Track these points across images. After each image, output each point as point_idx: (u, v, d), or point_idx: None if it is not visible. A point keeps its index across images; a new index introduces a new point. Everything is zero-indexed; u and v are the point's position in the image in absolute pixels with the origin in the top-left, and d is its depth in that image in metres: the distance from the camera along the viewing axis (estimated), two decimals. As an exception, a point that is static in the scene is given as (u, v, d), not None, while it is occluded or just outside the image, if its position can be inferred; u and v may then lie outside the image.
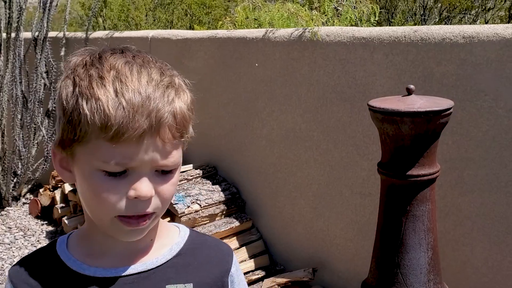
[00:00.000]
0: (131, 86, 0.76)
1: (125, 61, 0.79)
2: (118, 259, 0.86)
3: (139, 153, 0.76)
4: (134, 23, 5.65)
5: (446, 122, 1.74)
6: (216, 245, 0.97)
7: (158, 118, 0.76)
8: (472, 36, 2.09)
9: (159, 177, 0.80)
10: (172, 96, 0.79)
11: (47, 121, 4.52)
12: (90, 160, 0.77)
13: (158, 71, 0.81)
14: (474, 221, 2.16)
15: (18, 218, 4.21)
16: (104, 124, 0.74)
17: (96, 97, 0.75)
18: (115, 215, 0.79)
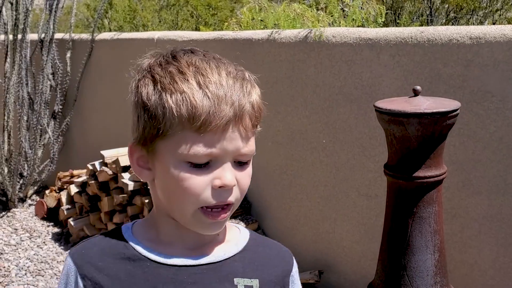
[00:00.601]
0: (212, 79, 0.80)
1: (199, 58, 0.84)
2: (187, 249, 0.88)
3: (224, 141, 0.80)
4: (140, 25, 5.66)
5: (453, 124, 1.72)
6: (277, 246, 0.99)
7: (241, 107, 0.80)
8: (479, 37, 2.08)
9: (237, 168, 0.83)
10: (249, 88, 0.84)
11: (53, 123, 4.54)
12: (175, 152, 0.81)
13: (231, 66, 0.85)
14: (481, 223, 2.15)
15: (24, 219, 4.22)
16: (192, 115, 0.78)
17: (180, 90, 0.79)
18: (199, 206, 0.82)
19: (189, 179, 0.81)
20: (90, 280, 0.85)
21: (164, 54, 0.86)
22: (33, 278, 3.29)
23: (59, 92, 4.49)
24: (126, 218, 3.29)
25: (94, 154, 3.86)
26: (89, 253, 0.88)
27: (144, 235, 0.90)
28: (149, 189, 0.92)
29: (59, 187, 4.04)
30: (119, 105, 4.14)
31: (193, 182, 0.81)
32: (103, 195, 3.44)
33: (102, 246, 0.88)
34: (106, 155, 3.43)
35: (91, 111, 4.47)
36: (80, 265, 0.86)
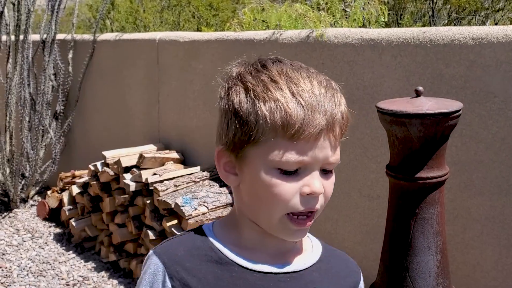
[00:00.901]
0: (305, 88, 0.82)
1: (289, 67, 0.86)
2: (269, 256, 0.89)
3: (315, 149, 0.82)
4: (142, 25, 5.66)
5: (455, 124, 1.72)
6: (345, 256, 1.01)
7: (333, 116, 0.82)
8: (481, 38, 2.08)
9: (323, 176, 0.85)
10: (338, 97, 0.85)
11: (55, 123, 4.54)
12: (266, 159, 0.82)
13: (320, 75, 0.87)
14: (483, 224, 2.14)
15: (26, 220, 4.22)
16: (286, 123, 0.80)
17: (274, 98, 0.81)
18: (287, 212, 0.83)
19: (279, 185, 0.82)
20: (179, 281, 0.85)
21: (252, 63, 0.89)
22: (34, 279, 3.30)
23: (61, 93, 4.50)
24: (128, 218, 3.29)
25: (96, 154, 3.86)
26: (176, 253, 0.88)
27: (228, 238, 0.90)
28: (232, 194, 0.94)
29: (61, 187, 4.05)
30: (121, 105, 4.14)
31: (283, 189, 0.82)
32: (105, 195, 3.44)
33: (189, 247, 0.89)
34: (108, 156, 3.43)
35: (92, 111, 4.47)
36: (168, 265, 0.86)
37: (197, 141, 3.49)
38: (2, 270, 3.39)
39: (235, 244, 0.89)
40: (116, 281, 3.29)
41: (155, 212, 3.05)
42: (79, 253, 3.66)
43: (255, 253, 0.89)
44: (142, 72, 3.88)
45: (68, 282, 3.27)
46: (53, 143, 4.46)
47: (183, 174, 3.23)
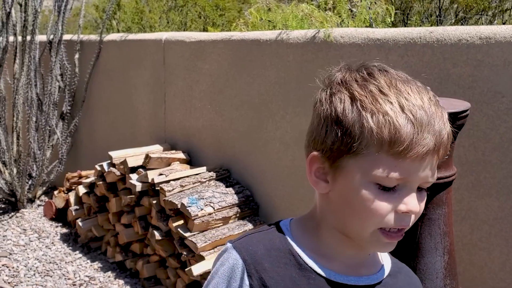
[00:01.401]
0: (416, 103, 0.79)
1: (398, 79, 0.83)
2: (346, 266, 0.88)
3: (419, 170, 0.79)
4: (148, 26, 5.67)
5: (462, 124, 1.71)
6: (410, 273, 1.00)
7: (441, 138, 0.80)
8: (489, 37, 2.06)
9: (418, 194, 0.83)
10: (446, 117, 0.82)
11: (62, 124, 4.55)
12: (367, 173, 0.80)
13: (429, 91, 0.84)
14: (491, 225, 2.13)
15: (33, 220, 4.24)
16: (394, 139, 0.77)
17: (383, 111, 0.78)
18: (379, 227, 0.82)
19: (376, 201, 0.80)
20: (257, 280, 0.84)
21: (357, 69, 0.86)
22: (41, 279, 3.30)
23: (68, 93, 4.51)
24: (134, 219, 3.29)
25: (102, 155, 3.87)
26: (256, 251, 0.86)
27: (307, 242, 0.89)
28: (318, 199, 0.91)
29: (67, 187, 4.06)
30: (127, 106, 4.15)
31: (380, 205, 0.80)
32: (111, 196, 3.45)
33: (268, 246, 0.87)
34: (114, 156, 3.43)
35: (99, 112, 4.48)
36: (248, 262, 0.85)
37: (203, 142, 3.49)
38: (9, 270, 3.40)
39: (313, 249, 0.88)
40: (122, 281, 3.29)
41: (161, 213, 3.06)
42: (86, 253, 3.67)
43: (332, 261, 0.88)
44: (148, 73, 3.89)
45: (75, 282, 3.28)
46: (59, 143, 4.47)
47: (189, 174, 3.23)
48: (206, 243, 2.77)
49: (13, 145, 4.42)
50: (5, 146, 4.32)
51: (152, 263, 3.22)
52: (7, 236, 3.91)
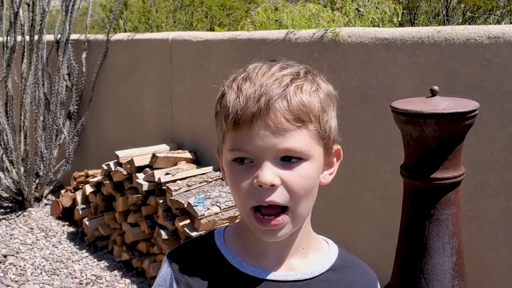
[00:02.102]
0: (250, 80, 0.83)
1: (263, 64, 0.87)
2: (274, 262, 0.88)
3: (255, 137, 0.80)
4: (155, 25, 5.67)
5: (471, 124, 1.70)
6: (363, 268, 0.97)
7: (267, 102, 0.80)
8: (497, 37, 2.05)
9: (286, 166, 0.81)
10: (286, 82, 0.82)
11: (69, 123, 4.57)
12: (225, 153, 0.85)
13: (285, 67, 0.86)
14: (500, 225, 2.11)
15: (40, 219, 4.25)
16: (226, 113, 0.83)
17: (225, 93, 0.85)
18: (249, 206, 0.82)
19: (235, 177, 0.83)
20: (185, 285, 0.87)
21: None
22: (48, 277, 3.32)
23: (75, 93, 4.52)
24: (140, 218, 3.30)
25: (109, 154, 3.87)
26: (185, 258, 0.90)
27: (234, 243, 0.91)
28: None
29: (74, 187, 4.07)
30: (134, 105, 4.16)
31: (238, 180, 0.82)
32: (118, 195, 3.45)
33: (197, 253, 0.91)
34: (121, 155, 3.44)
35: (106, 111, 4.49)
36: (176, 270, 0.89)
37: (209, 141, 3.49)
38: (16, 269, 3.42)
39: (240, 250, 0.89)
40: (129, 280, 3.30)
41: (168, 212, 3.06)
42: (92, 252, 3.68)
43: (258, 259, 0.88)
44: (155, 72, 3.89)
45: (81, 280, 3.28)
46: (66, 142, 4.48)
47: (196, 174, 3.23)
48: (213, 243, 2.77)
49: (20, 144, 4.44)
50: (12, 145, 4.34)
51: (158, 262, 3.23)
52: (14, 235, 3.92)
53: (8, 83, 4.37)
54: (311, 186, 0.84)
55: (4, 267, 3.42)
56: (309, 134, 0.82)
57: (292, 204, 0.82)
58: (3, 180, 4.31)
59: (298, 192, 0.82)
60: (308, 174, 0.83)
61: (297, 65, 0.88)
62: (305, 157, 0.82)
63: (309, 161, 0.83)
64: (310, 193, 0.84)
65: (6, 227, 4.06)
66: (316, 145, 0.83)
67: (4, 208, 4.47)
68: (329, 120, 0.85)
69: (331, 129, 0.86)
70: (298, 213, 0.84)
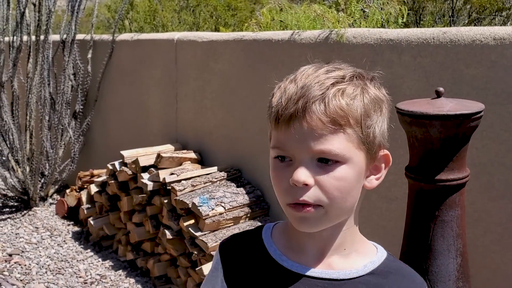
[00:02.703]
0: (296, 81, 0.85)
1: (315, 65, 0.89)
2: (312, 258, 0.89)
3: (290, 137, 0.83)
4: (160, 25, 5.69)
5: (476, 126, 1.69)
6: (411, 275, 0.94)
7: (304, 104, 0.81)
8: (503, 38, 2.04)
9: (322, 168, 0.83)
10: (327, 85, 0.83)
11: (74, 123, 4.58)
12: (270, 150, 0.88)
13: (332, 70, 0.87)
14: (505, 227, 2.11)
15: (45, 218, 4.27)
16: (270, 113, 0.87)
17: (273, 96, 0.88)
18: (286, 202, 0.85)
19: (276, 173, 0.86)
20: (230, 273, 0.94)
21: None
22: (53, 277, 3.33)
23: (80, 92, 4.54)
24: (145, 218, 3.31)
25: (114, 154, 3.88)
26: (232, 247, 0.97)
27: (279, 238, 0.95)
28: None
29: (79, 186, 4.08)
30: (139, 105, 4.16)
31: (278, 176, 0.86)
32: (123, 194, 3.46)
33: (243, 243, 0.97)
34: (126, 155, 3.45)
35: (111, 111, 4.51)
36: (224, 258, 0.96)
37: (214, 142, 3.49)
38: (22, 268, 3.43)
39: (283, 244, 0.92)
40: (133, 279, 3.31)
41: (173, 212, 3.06)
42: (97, 252, 3.69)
43: (298, 254, 0.90)
44: (160, 72, 3.90)
45: (86, 280, 3.29)
46: (72, 142, 4.50)
47: (201, 174, 3.24)
48: (217, 243, 2.77)
49: (26, 143, 4.46)
50: (18, 145, 4.36)
51: (163, 262, 3.23)
52: (19, 234, 3.94)
53: (14, 83, 4.39)
54: (347, 188, 0.84)
55: (10, 266, 3.44)
56: (347, 137, 0.83)
57: (326, 204, 0.83)
58: (9, 179, 4.33)
59: (332, 193, 0.83)
60: (344, 176, 0.83)
61: (348, 68, 0.89)
62: (342, 160, 0.83)
63: (346, 164, 0.83)
64: (347, 195, 0.85)
65: (12, 226, 4.08)
66: (355, 149, 0.84)
67: (9, 207, 4.49)
68: (373, 124, 0.85)
69: (375, 134, 0.86)
70: (332, 212, 0.84)
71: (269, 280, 0.89)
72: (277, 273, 0.89)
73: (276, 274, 0.89)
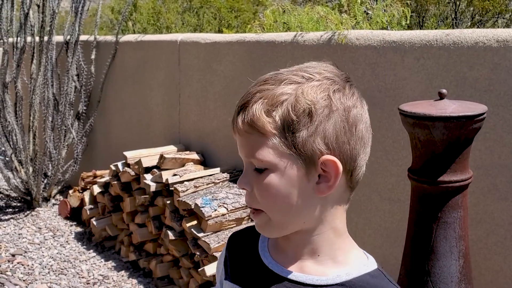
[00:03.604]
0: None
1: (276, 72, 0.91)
2: (290, 259, 0.90)
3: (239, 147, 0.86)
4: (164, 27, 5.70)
5: (479, 128, 1.70)
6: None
7: (236, 112, 0.85)
8: (506, 40, 2.05)
9: (255, 176, 0.85)
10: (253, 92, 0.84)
11: (77, 124, 4.59)
12: None
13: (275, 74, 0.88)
14: (507, 229, 2.11)
15: (48, 218, 4.28)
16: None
17: None
18: None
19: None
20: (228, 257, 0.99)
21: None
22: (56, 277, 3.33)
23: (83, 93, 4.55)
24: (148, 218, 3.31)
25: (117, 154, 3.89)
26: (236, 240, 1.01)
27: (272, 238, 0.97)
28: None
29: (82, 187, 4.09)
30: (142, 106, 4.17)
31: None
32: (126, 195, 3.47)
33: (245, 237, 1.00)
34: (129, 156, 3.45)
35: (114, 112, 4.51)
36: (229, 245, 1.01)
37: (217, 143, 3.50)
38: (24, 268, 3.44)
39: (273, 242, 0.94)
40: (136, 280, 3.31)
41: (175, 213, 3.07)
42: (100, 252, 3.69)
43: (278, 253, 0.92)
44: (163, 73, 3.91)
45: (89, 280, 3.30)
46: (75, 143, 4.51)
47: (203, 175, 3.24)
48: (219, 244, 2.77)
49: (29, 144, 4.47)
50: (21, 145, 4.37)
51: (165, 263, 3.24)
52: (22, 234, 3.95)
53: (18, 83, 4.40)
54: (278, 196, 0.82)
55: (12, 266, 3.45)
56: (272, 145, 0.81)
57: (265, 210, 0.85)
58: (12, 180, 4.34)
59: (262, 201, 0.84)
60: (272, 184, 0.82)
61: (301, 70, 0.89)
62: (270, 167, 0.82)
63: (274, 173, 0.81)
64: (282, 202, 0.82)
65: (15, 227, 4.09)
66: (282, 157, 0.81)
67: (12, 208, 4.50)
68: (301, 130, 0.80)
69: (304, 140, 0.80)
70: (276, 219, 0.85)
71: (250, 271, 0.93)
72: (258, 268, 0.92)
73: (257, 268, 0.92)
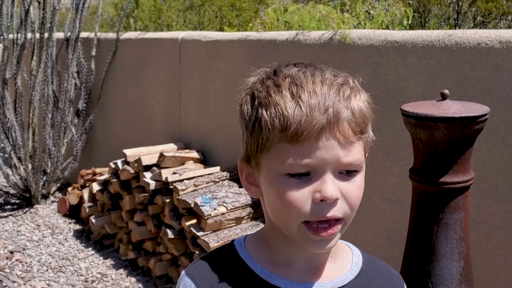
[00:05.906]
0: (306, 88, 0.78)
1: (298, 69, 0.83)
2: (303, 272, 0.86)
3: (320, 150, 0.77)
4: (165, 24, 5.69)
5: (481, 129, 1.68)
6: (389, 271, 0.95)
7: (336, 113, 0.77)
8: (509, 41, 2.04)
9: (344, 179, 0.79)
10: (347, 93, 0.80)
11: (77, 121, 4.58)
12: (274, 165, 0.79)
13: (330, 73, 0.83)
14: (508, 231, 2.10)
15: (47, 216, 4.27)
16: (284, 125, 0.77)
17: (274, 103, 0.79)
18: (302, 220, 0.79)
19: (288, 192, 0.78)
20: None
21: (267, 70, 0.87)
22: (54, 274, 3.33)
23: (83, 91, 4.54)
24: (147, 217, 3.30)
25: (117, 152, 3.88)
26: (208, 274, 0.86)
27: (260, 255, 0.88)
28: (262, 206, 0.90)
29: (81, 184, 4.08)
30: (142, 104, 4.16)
31: (293, 195, 0.78)
32: (125, 193, 3.46)
33: (221, 266, 0.87)
34: (129, 154, 3.44)
35: (114, 109, 4.50)
36: (199, 283, 0.85)
37: (217, 141, 3.49)
38: (23, 265, 3.43)
39: (267, 261, 0.86)
40: (134, 278, 3.30)
41: (174, 211, 3.06)
42: (98, 250, 3.69)
43: (287, 269, 0.86)
44: (164, 71, 3.90)
45: (87, 278, 3.29)
46: (74, 140, 4.50)
47: (203, 174, 3.23)
48: (219, 243, 2.77)
49: (28, 141, 4.46)
50: (20, 142, 4.36)
51: (164, 262, 3.23)
52: (21, 232, 3.94)
53: (18, 80, 4.39)
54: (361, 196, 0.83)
55: (11, 263, 3.44)
56: (363, 145, 0.82)
57: (348, 216, 0.81)
58: (11, 176, 4.33)
59: (355, 204, 0.81)
60: (362, 185, 0.82)
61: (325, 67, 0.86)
62: (360, 168, 0.81)
63: (361, 172, 0.82)
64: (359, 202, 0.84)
65: (13, 224, 4.08)
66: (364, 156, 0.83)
67: (11, 205, 4.49)
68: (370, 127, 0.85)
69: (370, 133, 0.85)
70: (348, 223, 0.83)
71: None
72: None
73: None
